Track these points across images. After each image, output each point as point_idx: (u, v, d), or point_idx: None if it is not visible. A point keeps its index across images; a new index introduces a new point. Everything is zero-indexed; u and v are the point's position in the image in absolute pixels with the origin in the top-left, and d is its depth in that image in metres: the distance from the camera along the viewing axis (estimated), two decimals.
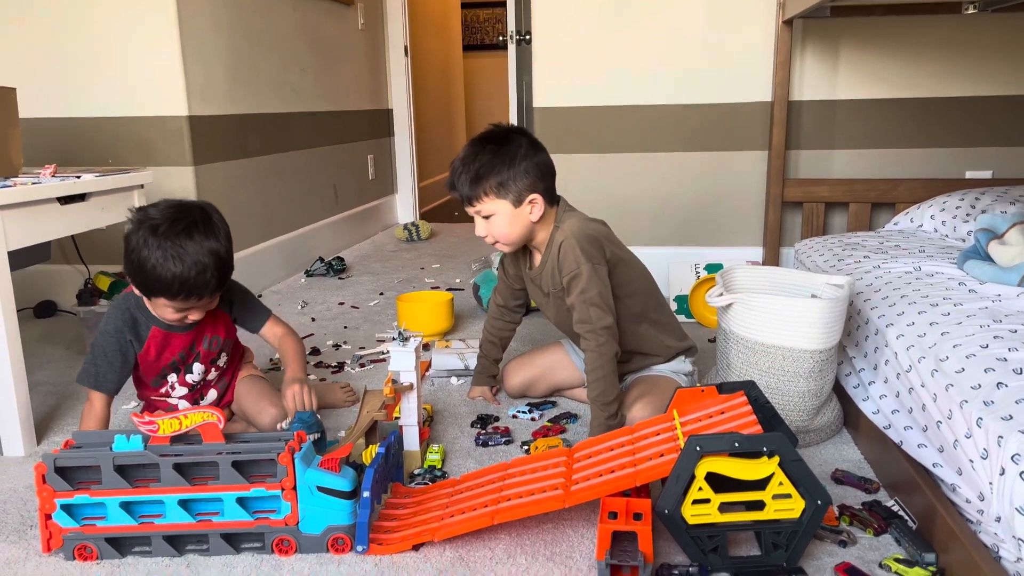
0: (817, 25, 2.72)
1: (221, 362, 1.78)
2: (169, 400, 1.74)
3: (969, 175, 2.76)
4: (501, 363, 2.00)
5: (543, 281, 1.79)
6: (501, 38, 4.40)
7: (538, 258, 1.80)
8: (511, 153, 1.68)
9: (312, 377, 2.12)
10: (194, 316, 1.62)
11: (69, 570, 1.28)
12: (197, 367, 1.73)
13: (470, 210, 1.73)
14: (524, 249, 1.83)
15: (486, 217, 1.71)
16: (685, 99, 2.84)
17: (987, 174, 2.76)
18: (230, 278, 1.64)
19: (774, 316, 1.61)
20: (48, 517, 1.30)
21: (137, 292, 1.61)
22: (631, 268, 1.78)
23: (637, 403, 1.68)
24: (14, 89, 1.92)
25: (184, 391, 1.74)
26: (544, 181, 1.71)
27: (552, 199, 1.75)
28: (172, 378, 1.72)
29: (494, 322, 1.96)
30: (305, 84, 3.60)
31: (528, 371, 1.95)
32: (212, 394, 1.80)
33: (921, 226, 2.39)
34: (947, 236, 2.26)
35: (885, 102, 2.77)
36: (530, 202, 1.69)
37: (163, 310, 1.60)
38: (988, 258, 1.77)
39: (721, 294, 1.70)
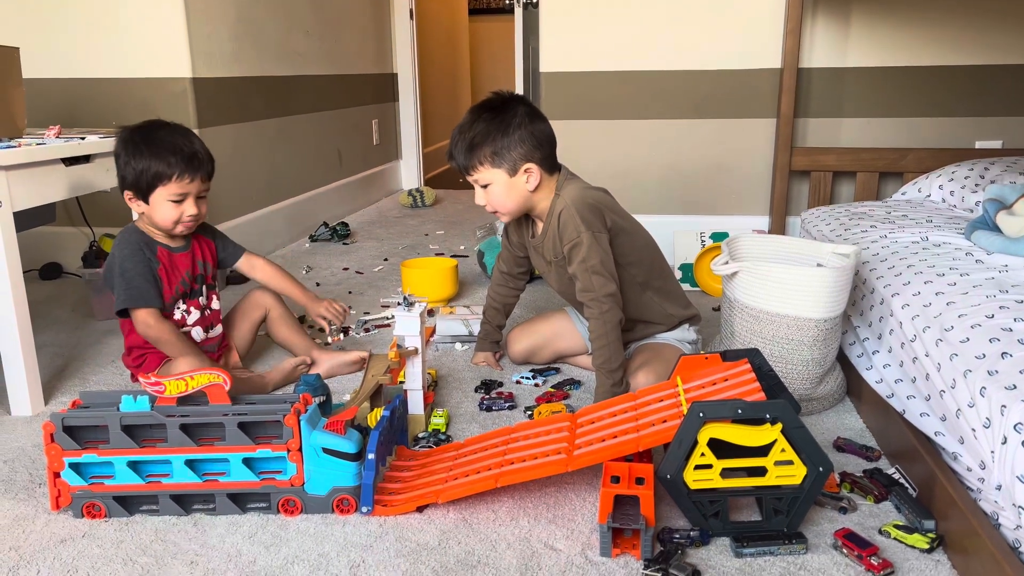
0: None
1: (216, 290, 1.90)
2: (186, 328, 1.81)
3: (979, 145, 2.74)
4: (505, 329, 2.01)
5: (545, 249, 1.78)
6: (508, 2, 4.34)
7: (540, 227, 1.79)
8: (506, 122, 1.66)
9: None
10: (190, 209, 1.72)
11: (78, 527, 1.30)
12: (205, 289, 1.85)
13: (470, 178, 1.73)
14: (527, 217, 1.82)
15: (484, 186, 1.71)
16: (693, 65, 2.81)
17: (997, 144, 2.73)
18: (214, 171, 1.78)
19: (779, 284, 1.60)
20: (57, 475, 1.31)
21: (136, 209, 1.74)
22: (633, 237, 1.77)
23: (641, 370, 1.69)
24: (17, 49, 1.91)
25: (197, 315, 1.83)
26: (541, 150, 1.69)
27: (551, 168, 1.73)
28: (182, 305, 1.80)
29: (498, 288, 1.96)
30: (310, 47, 3.56)
31: (532, 338, 1.95)
32: (218, 328, 1.89)
33: (929, 196, 2.37)
34: (955, 206, 2.24)
35: (895, 70, 2.74)
36: (525, 171, 1.68)
37: (163, 208, 1.71)
38: (996, 228, 1.76)
39: (727, 262, 1.69)
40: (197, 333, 1.83)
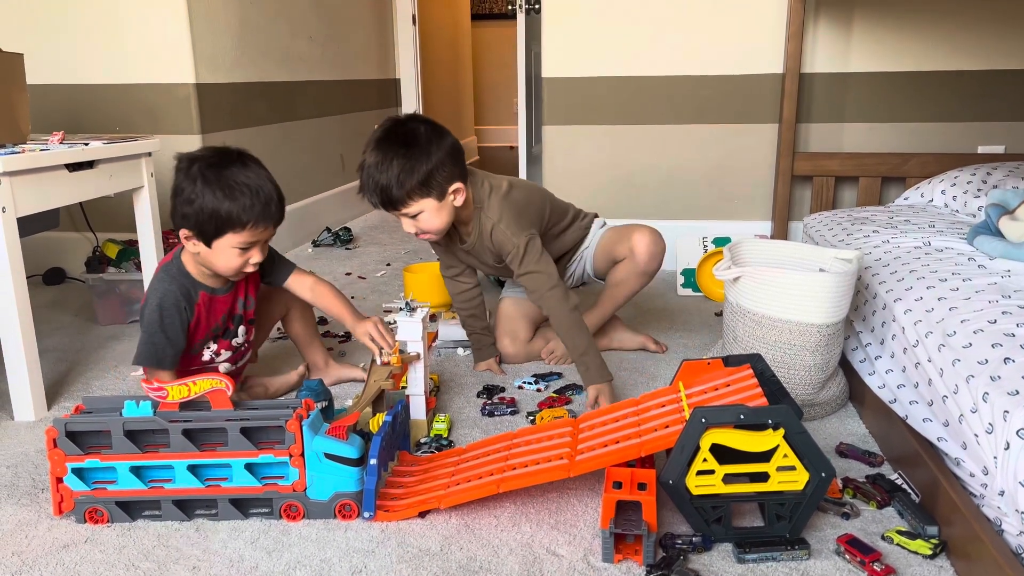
0: None
1: (253, 324, 1.78)
2: (212, 366, 1.71)
3: (981, 150, 2.73)
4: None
5: (482, 255, 1.87)
6: (510, 7, 4.35)
7: (469, 233, 1.84)
8: (422, 150, 1.65)
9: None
10: (255, 257, 1.59)
11: (81, 532, 1.30)
12: (241, 329, 1.73)
13: (394, 214, 1.72)
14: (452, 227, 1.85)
15: (414, 217, 1.71)
16: (695, 70, 2.81)
17: (999, 149, 2.73)
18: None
19: (781, 290, 1.60)
20: (59, 480, 1.31)
21: (192, 248, 1.57)
22: (531, 197, 1.89)
23: (633, 236, 1.91)
24: (21, 55, 1.91)
25: (228, 354, 1.72)
26: (459, 165, 1.71)
27: (466, 178, 1.74)
28: (212, 345, 1.69)
29: (456, 295, 2.00)
30: (313, 53, 3.57)
31: (518, 332, 2.01)
32: (247, 356, 1.80)
33: (932, 201, 2.37)
34: (957, 211, 2.24)
35: (897, 75, 2.74)
36: (453, 192, 1.71)
37: (227, 255, 1.56)
38: (998, 233, 1.76)
39: (729, 267, 1.69)
40: (225, 367, 1.73)
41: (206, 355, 1.69)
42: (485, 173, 1.85)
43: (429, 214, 1.71)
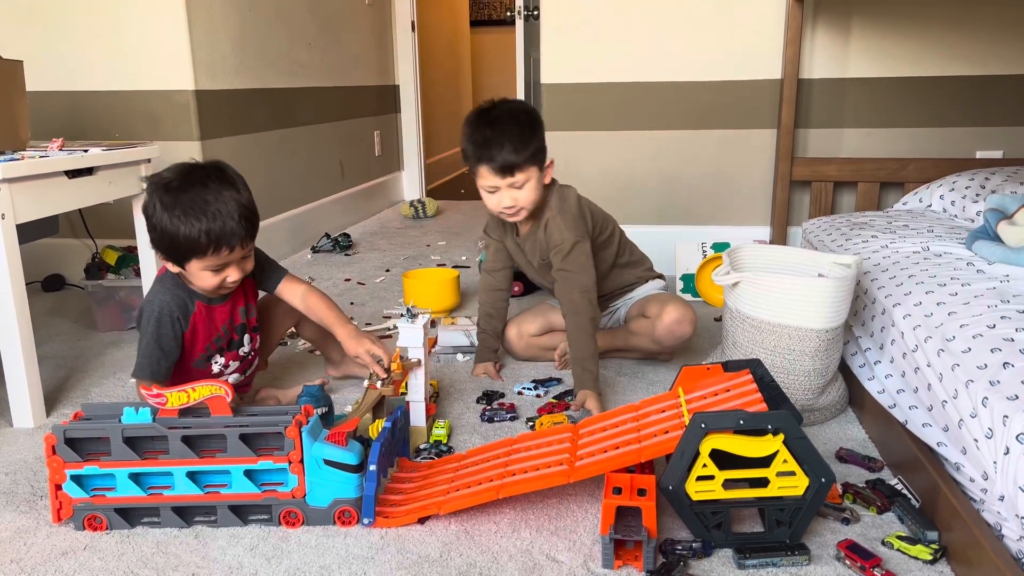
0: (828, 2, 2.69)
1: (258, 331, 1.75)
2: (223, 378, 1.68)
3: (979, 155, 2.74)
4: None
5: (529, 249, 1.91)
6: (509, 13, 4.37)
7: (527, 226, 1.89)
8: (534, 120, 1.80)
9: None
10: (232, 276, 1.55)
11: (79, 539, 1.30)
12: (247, 339, 1.70)
13: (506, 180, 1.77)
14: None
15: (519, 187, 1.78)
16: (694, 76, 2.82)
17: (998, 154, 2.74)
18: (258, 226, 1.57)
19: (780, 295, 1.60)
20: (58, 488, 1.31)
21: (172, 268, 1.56)
22: (606, 224, 1.97)
23: (667, 306, 1.90)
24: (21, 62, 1.92)
25: (236, 364, 1.70)
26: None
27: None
28: (220, 359, 1.66)
29: (486, 291, 2.02)
30: (312, 59, 3.58)
31: (525, 325, 2.04)
32: (255, 364, 1.78)
33: (930, 206, 2.37)
34: (956, 216, 2.24)
35: (896, 80, 2.75)
36: (548, 165, 1.83)
37: (201, 276, 1.54)
38: (997, 238, 1.76)
39: (728, 273, 1.69)
40: (234, 378, 1.71)
41: (215, 368, 1.67)
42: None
43: (532, 184, 1.79)
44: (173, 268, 1.56)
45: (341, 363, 1.92)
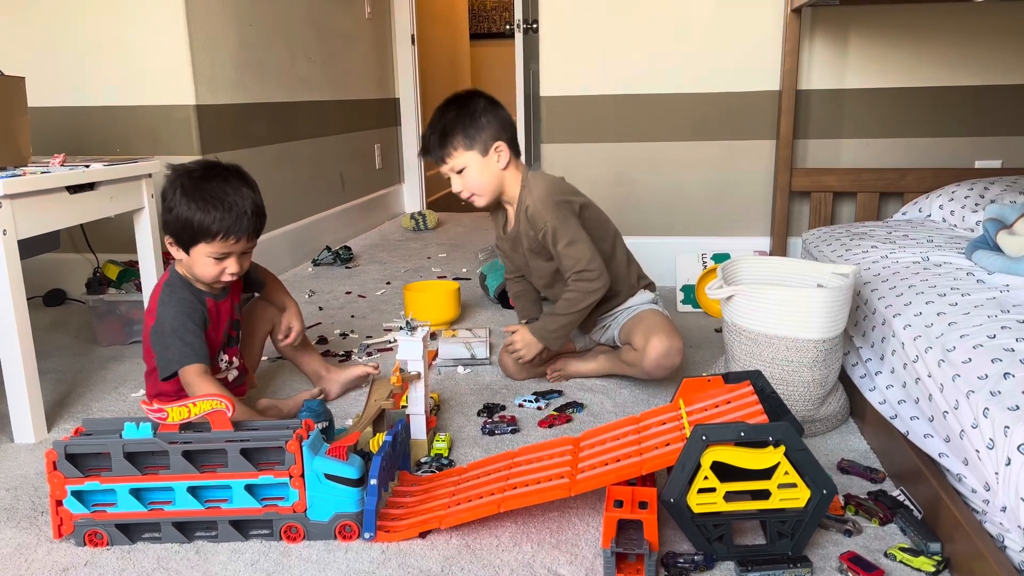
0: (826, 13, 2.70)
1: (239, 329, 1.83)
2: (224, 376, 1.75)
3: (978, 164, 2.74)
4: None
5: (520, 239, 1.91)
6: (508, 27, 4.39)
7: (511, 216, 1.91)
8: (472, 108, 1.82)
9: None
10: (232, 268, 1.63)
11: (80, 555, 1.30)
12: (239, 335, 1.79)
13: (444, 168, 1.85)
14: (500, 208, 1.96)
15: (459, 172, 1.83)
16: (693, 88, 2.83)
17: (996, 163, 2.74)
18: (263, 229, 1.68)
19: (773, 306, 1.60)
20: (59, 503, 1.31)
21: (175, 254, 1.63)
22: (597, 212, 1.94)
23: (651, 339, 1.81)
24: (23, 78, 1.93)
25: (238, 361, 1.79)
26: (506, 132, 1.85)
27: (516, 151, 1.88)
28: (224, 356, 1.74)
29: (514, 286, 2.09)
30: (312, 73, 3.60)
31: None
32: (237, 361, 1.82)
33: (930, 216, 2.38)
34: (955, 226, 2.25)
35: (894, 91, 2.75)
36: (496, 150, 1.83)
37: (203, 263, 1.61)
38: (997, 248, 1.76)
39: (720, 287, 1.69)
40: (233, 374, 1.78)
41: (222, 365, 1.74)
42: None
43: (474, 169, 1.82)
44: (176, 254, 1.64)
45: (329, 375, 1.93)
